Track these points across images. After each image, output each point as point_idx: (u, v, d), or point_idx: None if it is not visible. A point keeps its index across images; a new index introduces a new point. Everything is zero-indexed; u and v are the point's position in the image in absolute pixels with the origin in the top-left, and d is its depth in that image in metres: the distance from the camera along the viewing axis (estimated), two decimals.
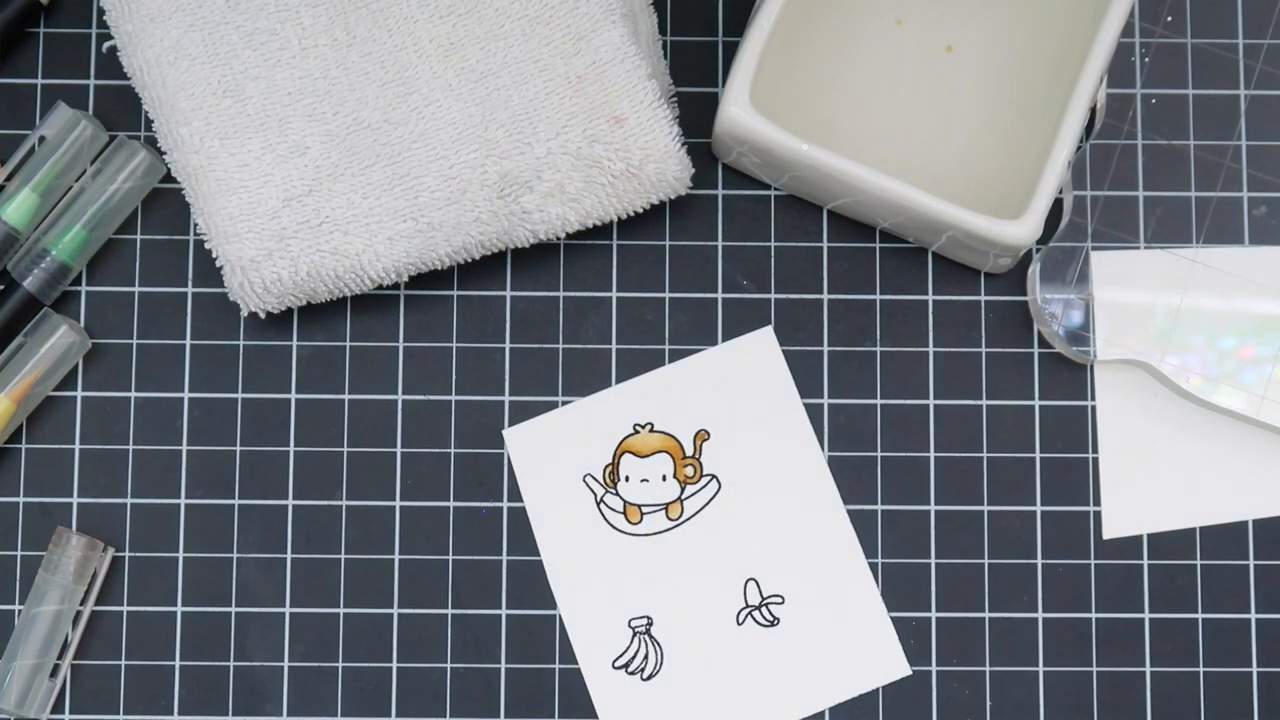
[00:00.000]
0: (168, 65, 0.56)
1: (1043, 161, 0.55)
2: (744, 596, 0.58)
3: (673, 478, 0.58)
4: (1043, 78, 0.59)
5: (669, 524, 0.58)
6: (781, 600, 0.58)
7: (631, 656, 0.57)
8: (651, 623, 0.57)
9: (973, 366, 0.59)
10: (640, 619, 0.57)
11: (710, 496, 0.57)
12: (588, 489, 0.58)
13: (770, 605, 0.58)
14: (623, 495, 0.57)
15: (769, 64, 0.56)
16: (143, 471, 0.59)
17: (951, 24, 0.60)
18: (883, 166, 0.56)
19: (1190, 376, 0.58)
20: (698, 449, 0.58)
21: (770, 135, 0.55)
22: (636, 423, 0.58)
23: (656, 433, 0.58)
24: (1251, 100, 0.60)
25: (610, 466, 0.58)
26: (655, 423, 0.58)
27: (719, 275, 0.60)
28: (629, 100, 0.56)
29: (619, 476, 0.58)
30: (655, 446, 0.58)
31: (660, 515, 0.58)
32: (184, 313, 0.59)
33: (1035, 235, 0.55)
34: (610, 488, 0.58)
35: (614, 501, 0.58)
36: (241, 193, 0.55)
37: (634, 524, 0.58)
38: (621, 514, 0.58)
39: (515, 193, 0.56)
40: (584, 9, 0.56)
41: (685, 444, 0.58)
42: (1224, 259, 0.59)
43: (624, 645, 0.57)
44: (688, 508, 0.58)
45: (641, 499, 0.58)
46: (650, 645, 0.57)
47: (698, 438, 0.58)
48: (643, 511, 0.58)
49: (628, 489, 0.58)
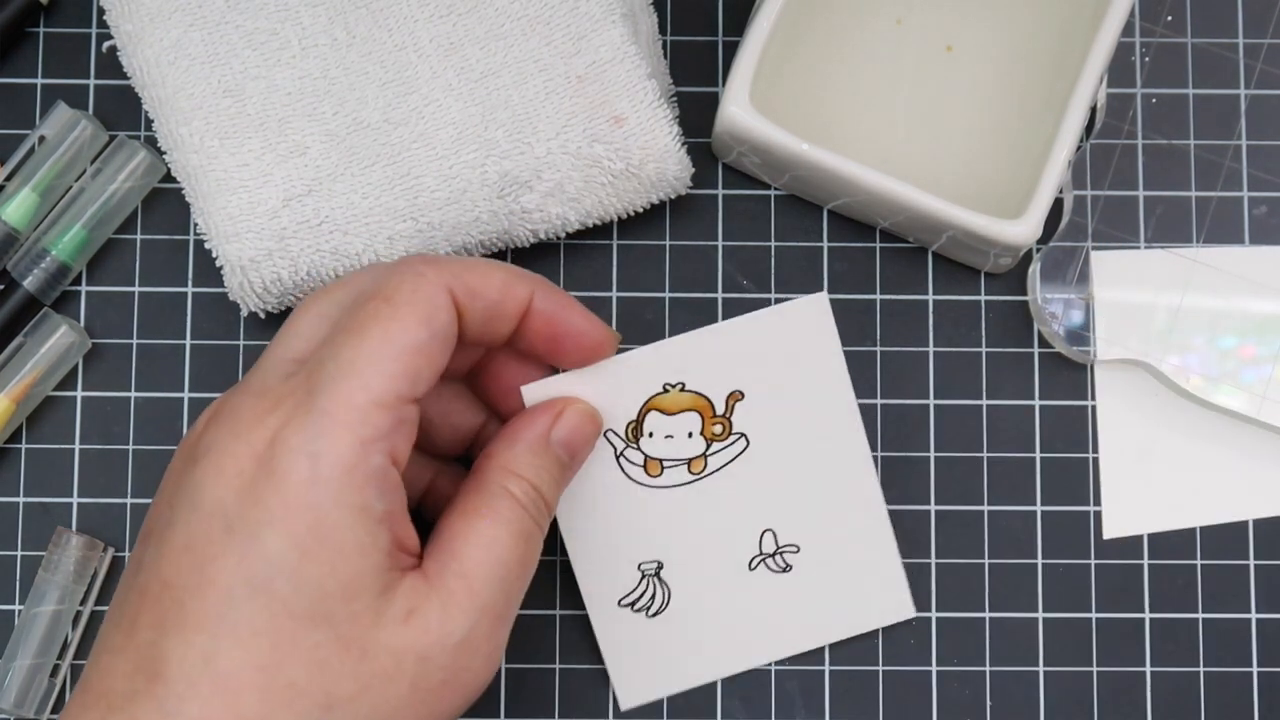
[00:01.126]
0: (167, 65, 0.56)
1: (1043, 161, 0.55)
2: (759, 545, 0.57)
3: (699, 435, 0.56)
4: (1043, 78, 0.59)
5: (691, 477, 0.57)
6: (796, 549, 0.57)
7: (639, 596, 0.57)
8: (661, 566, 0.57)
9: (973, 366, 0.59)
10: (650, 563, 0.57)
11: (737, 454, 0.57)
12: (608, 443, 0.56)
13: (784, 553, 0.57)
14: (644, 450, 0.56)
15: (769, 64, 0.56)
16: (143, 471, 0.59)
17: (951, 24, 0.60)
18: (882, 166, 0.56)
19: (1190, 376, 0.58)
20: (729, 408, 0.56)
21: (770, 134, 0.55)
22: (668, 382, 0.56)
23: (687, 392, 0.56)
24: (1252, 99, 0.60)
25: (634, 423, 0.56)
26: (687, 383, 0.56)
27: (719, 275, 0.60)
28: (629, 100, 0.56)
29: (642, 432, 0.56)
30: (684, 405, 0.56)
31: (682, 469, 0.57)
32: (184, 313, 0.59)
33: (1035, 235, 0.55)
34: (632, 442, 0.56)
35: (634, 455, 0.56)
36: (241, 193, 0.55)
37: (654, 477, 0.57)
38: (641, 467, 0.57)
39: (515, 193, 0.56)
40: (584, 9, 0.56)
41: (717, 404, 0.56)
42: (1224, 259, 0.59)
43: (631, 586, 0.57)
44: (711, 463, 0.57)
45: (664, 454, 0.56)
46: (658, 585, 0.57)
47: (730, 398, 0.56)
48: (664, 465, 0.56)
49: (650, 444, 0.56)
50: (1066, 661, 0.58)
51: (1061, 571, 0.58)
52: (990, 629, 0.58)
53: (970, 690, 0.58)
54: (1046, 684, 0.58)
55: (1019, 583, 0.58)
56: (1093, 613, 0.58)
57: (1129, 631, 0.58)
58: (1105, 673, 0.58)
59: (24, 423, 0.59)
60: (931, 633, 0.58)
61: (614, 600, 0.57)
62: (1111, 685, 0.58)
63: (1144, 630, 0.58)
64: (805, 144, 0.55)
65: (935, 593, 0.58)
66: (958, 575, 0.58)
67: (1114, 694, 0.58)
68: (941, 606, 0.58)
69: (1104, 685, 0.58)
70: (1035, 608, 0.58)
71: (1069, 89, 0.56)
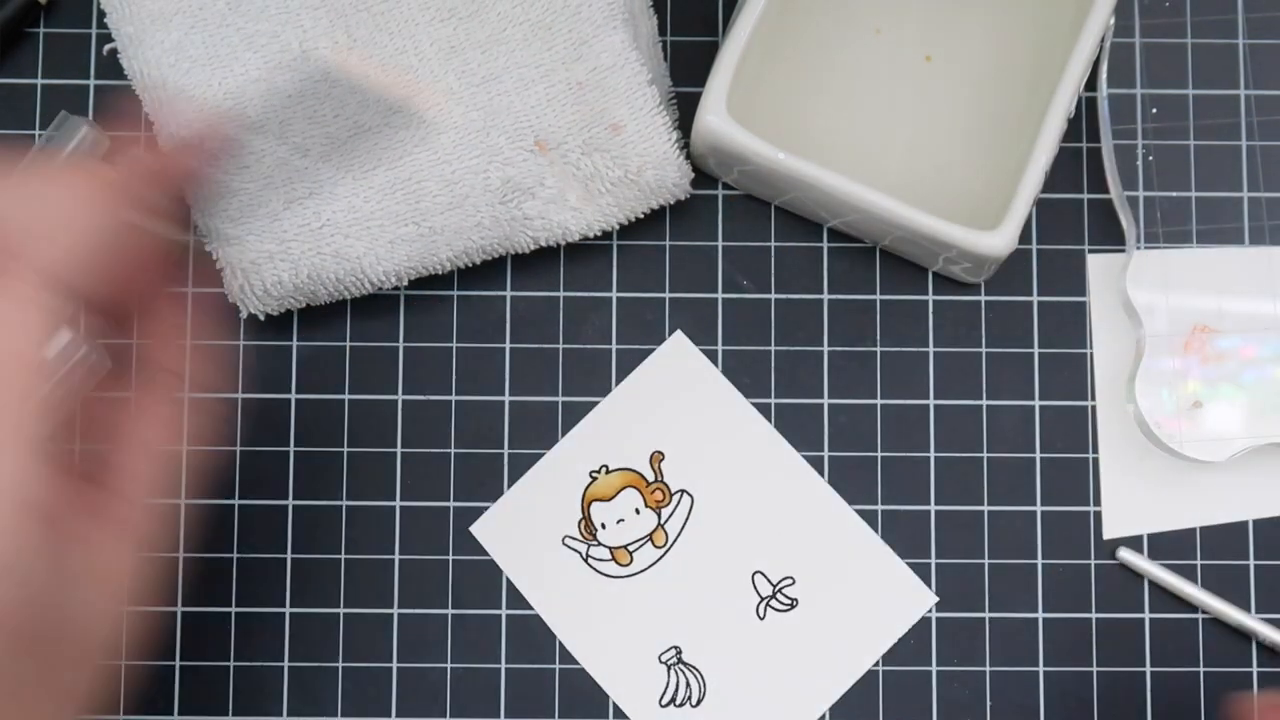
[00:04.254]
0: (168, 67, 0.56)
1: (1020, 171, 0.55)
2: (755, 590, 0.58)
3: (645, 508, 0.57)
4: (1021, 88, 0.59)
5: (659, 552, 0.57)
6: (792, 581, 0.58)
7: (674, 691, 0.57)
8: (680, 651, 0.57)
9: (973, 366, 0.59)
10: (668, 651, 0.57)
11: (687, 511, 0.57)
12: (570, 550, 0.57)
13: (783, 589, 0.58)
14: (605, 543, 0.57)
15: (747, 74, 0.56)
16: None
17: (931, 34, 0.60)
18: (861, 175, 0.55)
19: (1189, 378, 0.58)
20: (658, 472, 0.57)
21: (747, 143, 0.55)
22: (592, 470, 0.58)
23: (615, 471, 0.58)
24: (1253, 99, 0.60)
25: (583, 520, 0.57)
26: (610, 463, 0.58)
27: (719, 275, 0.60)
28: (629, 106, 0.55)
29: (594, 527, 0.57)
30: (618, 485, 0.58)
31: (648, 547, 0.57)
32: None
33: (1011, 246, 0.55)
34: (591, 540, 0.57)
35: (599, 552, 0.57)
36: (241, 195, 0.55)
37: (625, 566, 0.57)
38: (611, 561, 0.57)
39: (517, 199, 0.56)
40: (585, 14, 0.56)
41: (645, 472, 0.57)
42: (1224, 258, 0.59)
43: (663, 683, 0.57)
44: (670, 531, 0.57)
45: (624, 539, 0.57)
46: (686, 673, 0.57)
47: (654, 460, 0.58)
48: (630, 551, 0.57)
49: (607, 535, 0.57)
50: (1066, 662, 0.58)
51: (1061, 571, 0.59)
52: (990, 629, 0.58)
53: (970, 690, 0.58)
54: (1046, 684, 0.58)
55: (1019, 583, 0.58)
56: (1093, 613, 0.58)
57: (1129, 631, 0.58)
58: (1105, 673, 0.58)
59: None
60: (931, 633, 0.58)
61: (655, 702, 0.57)
62: (1111, 685, 0.58)
63: (1144, 630, 0.58)
64: (782, 153, 0.55)
65: (935, 593, 0.58)
66: (958, 575, 0.58)
67: (1114, 694, 0.58)
68: (941, 606, 0.58)
69: (1104, 685, 0.58)
70: (1035, 608, 0.58)
71: (1047, 99, 0.56)
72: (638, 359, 0.59)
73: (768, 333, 0.59)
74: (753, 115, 0.56)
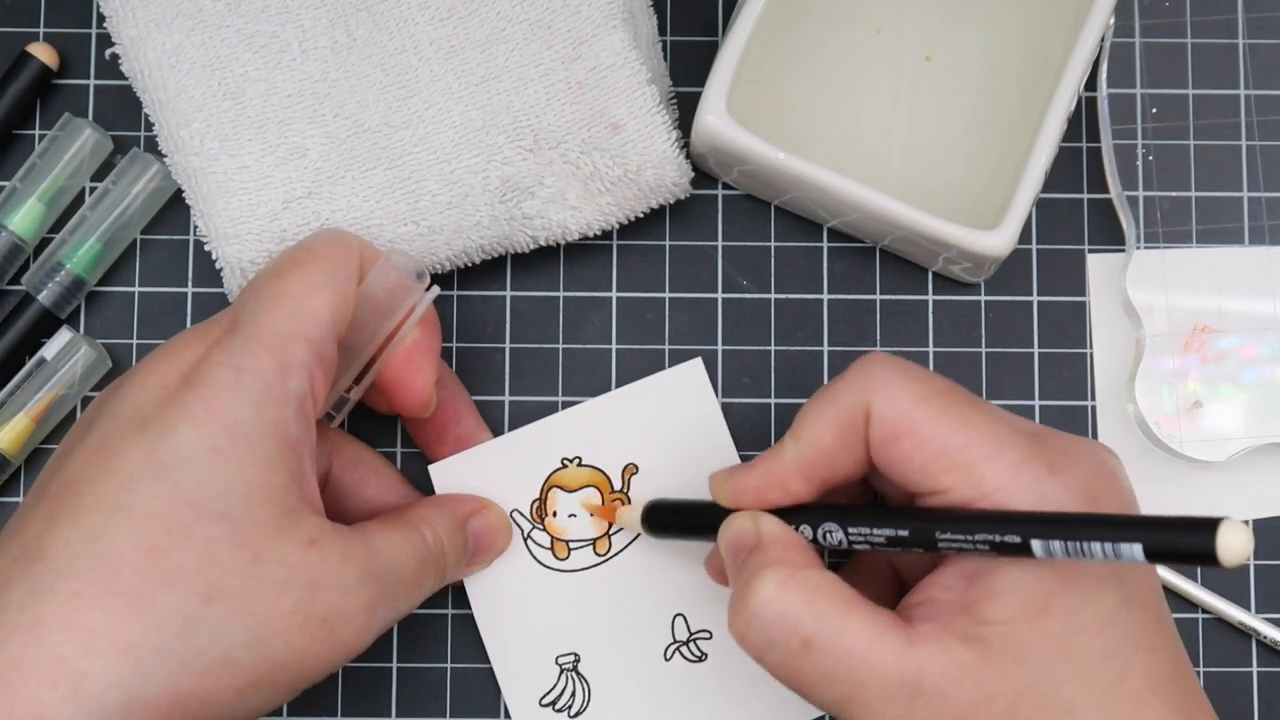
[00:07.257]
0: (169, 69, 0.56)
1: (1020, 171, 0.55)
2: (672, 632, 0.57)
3: (599, 513, 0.57)
4: (1021, 88, 0.59)
5: (597, 559, 0.57)
6: (709, 635, 0.57)
7: (559, 694, 0.57)
8: (579, 659, 0.56)
9: (973, 366, 0.59)
10: (567, 655, 0.57)
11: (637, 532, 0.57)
12: (515, 525, 0.57)
13: (698, 640, 0.57)
14: (550, 530, 0.57)
15: (747, 74, 0.56)
16: None
17: (930, 33, 0.60)
18: (860, 175, 0.55)
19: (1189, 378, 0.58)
20: (626, 483, 0.57)
21: (746, 143, 0.55)
22: (565, 456, 0.57)
23: (585, 466, 0.57)
24: (1253, 99, 0.60)
25: (538, 501, 0.57)
26: (584, 456, 0.57)
27: (719, 275, 0.60)
28: (628, 106, 0.55)
29: (546, 511, 0.57)
30: (583, 480, 0.57)
31: (588, 551, 0.57)
32: (184, 314, 0.59)
33: (1011, 245, 0.54)
34: (538, 523, 0.57)
35: (541, 537, 0.57)
36: (241, 195, 0.55)
37: (561, 560, 0.57)
38: (549, 550, 0.57)
39: (517, 198, 0.56)
40: (585, 13, 0.56)
41: (614, 478, 0.57)
42: (1224, 258, 0.59)
43: (551, 683, 0.57)
44: (615, 543, 0.57)
45: (569, 535, 0.57)
46: (578, 682, 0.57)
47: (625, 471, 0.57)
48: (570, 547, 0.57)
49: (554, 524, 0.57)
50: None
51: None
52: None
53: None
54: None
55: None
56: None
57: None
58: None
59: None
60: None
61: (535, 700, 0.57)
62: None
63: None
64: (781, 153, 0.55)
65: None
66: None
67: None
68: None
69: None
70: None
71: (1047, 99, 0.56)
72: (637, 359, 0.59)
73: (768, 333, 0.59)
74: (753, 115, 0.57)
